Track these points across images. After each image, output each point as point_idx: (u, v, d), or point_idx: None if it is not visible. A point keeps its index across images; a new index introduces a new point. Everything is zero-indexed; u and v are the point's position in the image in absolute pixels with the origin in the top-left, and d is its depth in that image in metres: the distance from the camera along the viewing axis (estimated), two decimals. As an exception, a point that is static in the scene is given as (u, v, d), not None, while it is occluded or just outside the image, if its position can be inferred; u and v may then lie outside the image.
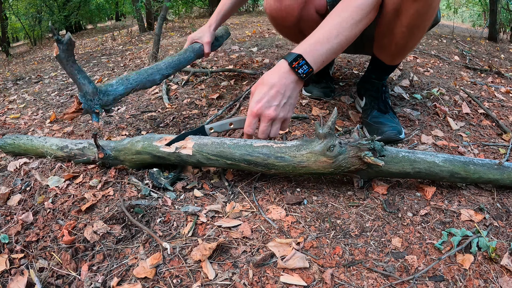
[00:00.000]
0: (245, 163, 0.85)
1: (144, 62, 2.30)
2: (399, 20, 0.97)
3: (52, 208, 0.86)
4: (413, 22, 0.96)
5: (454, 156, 0.86)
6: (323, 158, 0.80)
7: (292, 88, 0.89)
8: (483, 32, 4.41)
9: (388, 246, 0.73)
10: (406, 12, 0.94)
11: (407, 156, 0.83)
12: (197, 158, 0.88)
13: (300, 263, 0.67)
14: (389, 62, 1.16)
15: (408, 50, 1.11)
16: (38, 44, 8.74)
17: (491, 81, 1.93)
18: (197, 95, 1.60)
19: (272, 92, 0.87)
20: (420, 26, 0.99)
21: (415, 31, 1.00)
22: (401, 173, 0.84)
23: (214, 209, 0.83)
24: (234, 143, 0.87)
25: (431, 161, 0.83)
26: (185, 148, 0.88)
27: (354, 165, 0.80)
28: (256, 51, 2.33)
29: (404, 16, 0.95)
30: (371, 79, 1.22)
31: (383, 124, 1.12)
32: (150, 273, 0.66)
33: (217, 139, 0.88)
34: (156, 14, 5.38)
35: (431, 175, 0.85)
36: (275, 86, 0.87)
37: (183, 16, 8.05)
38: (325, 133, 0.80)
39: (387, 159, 0.82)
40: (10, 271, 0.69)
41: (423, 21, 0.97)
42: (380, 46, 1.14)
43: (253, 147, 0.85)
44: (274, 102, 0.87)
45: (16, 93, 2.30)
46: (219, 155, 0.86)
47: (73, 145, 1.04)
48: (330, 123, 0.80)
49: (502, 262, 0.68)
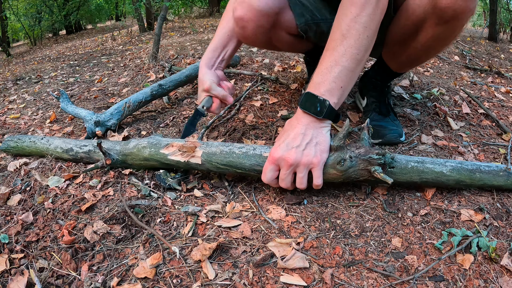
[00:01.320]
0: (255, 173, 0.85)
1: (144, 62, 2.30)
2: (417, 37, 0.94)
3: (52, 208, 0.86)
4: (431, 43, 0.93)
5: (461, 164, 0.84)
6: (333, 171, 0.79)
7: (314, 127, 0.77)
8: (483, 32, 4.41)
9: (388, 246, 0.73)
10: (426, 32, 0.91)
11: (416, 167, 0.82)
12: (206, 167, 0.88)
13: (300, 263, 0.67)
14: (396, 69, 1.13)
15: (419, 64, 1.08)
16: (38, 44, 8.74)
17: (491, 81, 1.93)
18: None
19: (292, 134, 0.77)
20: (437, 47, 0.96)
21: (431, 51, 0.98)
22: (408, 182, 0.84)
23: (214, 209, 0.83)
24: (243, 152, 0.85)
25: (439, 172, 0.82)
26: (194, 157, 0.88)
27: (363, 176, 0.80)
28: (256, 51, 2.33)
29: (423, 35, 0.92)
30: (375, 80, 1.20)
31: (383, 128, 1.11)
32: (150, 273, 0.66)
33: (225, 148, 0.87)
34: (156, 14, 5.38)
35: (437, 184, 0.85)
36: (295, 128, 0.78)
37: (183, 16, 8.05)
38: (336, 146, 0.77)
39: (396, 170, 0.82)
40: (10, 271, 0.69)
41: (442, 45, 0.95)
42: (390, 53, 1.09)
43: (262, 157, 0.83)
44: (294, 143, 0.75)
45: (16, 93, 2.30)
46: (228, 165, 0.86)
47: (78, 148, 1.03)
48: (342, 136, 0.77)
49: (502, 262, 0.68)
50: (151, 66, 2.14)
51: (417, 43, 0.95)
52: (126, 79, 2.03)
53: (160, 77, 1.90)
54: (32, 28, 9.04)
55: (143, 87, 1.81)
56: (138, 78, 1.99)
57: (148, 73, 2.01)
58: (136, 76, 2.04)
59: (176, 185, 0.90)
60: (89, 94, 1.87)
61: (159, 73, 1.98)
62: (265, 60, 2.04)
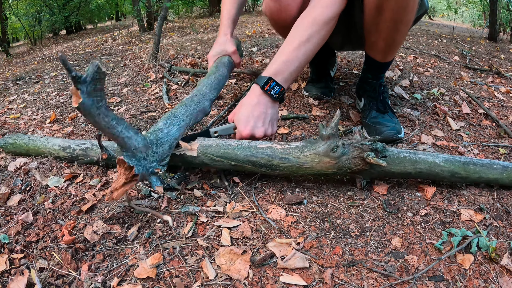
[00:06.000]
0: (249, 164, 0.85)
1: (144, 62, 2.30)
2: (383, 16, 0.98)
3: (52, 208, 0.86)
4: (396, 16, 0.97)
5: (454, 157, 0.86)
6: (327, 159, 0.80)
7: (271, 107, 0.95)
8: (483, 32, 4.41)
9: (388, 246, 0.73)
10: (387, 7, 0.95)
11: (408, 157, 0.84)
12: (201, 160, 0.88)
13: (300, 263, 0.67)
14: (382, 59, 1.16)
15: (397, 45, 1.11)
16: (38, 44, 8.74)
17: (491, 81, 1.93)
18: (197, 95, 1.60)
19: (256, 113, 0.93)
20: (404, 20, 0.99)
21: (400, 25, 1.01)
22: (403, 173, 0.84)
23: (214, 209, 0.83)
24: (239, 144, 0.87)
25: (432, 161, 0.84)
26: (190, 149, 0.88)
27: (356, 165, 0.81)
28: (256, 51, 2.33)
29: (386, 11, 0.96)
30: (368, 79, 1.22)
31: (381, 125, 1.12)
32: (150, 273, 0.66)
33: (221, 141, 0.88)
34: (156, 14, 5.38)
35: (432, 175, 0.85)
36: (256, 107, 0.93)
37: (183, 16, 8.05)
38: (328, 134, 0.80)
39: (389, 159, 0.82)
40: (10, 271, 0.69)
41: (406, 14, 0.98)
42: (370, 44, 1.15)
43: (257, 148, 0.85)
44: (260, 122, 0.92)
45: (16, 93, 2.30)
46: (223, 157, 0.86)
47: (76, 146, 1.03)
48: (333, 124, 0.80)
49: (502, 262, 0.68)
50: (151, 66, 2.14)
51: (385, 21, 1.00)
52: (126, 79, 2.03)
53: (160, 77, 1.90)
54: (32, 28, 9.03)
55: (143, 87, 1.81)
56: (138, 78, 1.99)
57: (148, 73, 2.01)
58: (136, 76, 2.04)
59: (175, 185, 0.90)
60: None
61: (159, 73, 1.98)
62: (265, 60, 2.04)
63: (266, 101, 0.95)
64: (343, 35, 1.23)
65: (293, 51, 0.96)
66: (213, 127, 1.00)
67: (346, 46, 1.39)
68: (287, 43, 0.97)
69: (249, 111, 0.93)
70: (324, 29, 0.98)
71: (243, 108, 0.94)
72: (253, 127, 0.91)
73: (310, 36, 0.96)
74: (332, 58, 1.57)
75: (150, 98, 1.65)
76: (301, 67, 0.99)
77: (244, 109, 0.94)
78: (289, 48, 0.96)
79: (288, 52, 0.96)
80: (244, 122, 0.92)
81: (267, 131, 0.94)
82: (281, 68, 0.96)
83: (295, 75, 0.99)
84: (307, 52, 0.98)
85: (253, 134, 0.91)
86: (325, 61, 1.49)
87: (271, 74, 0.95)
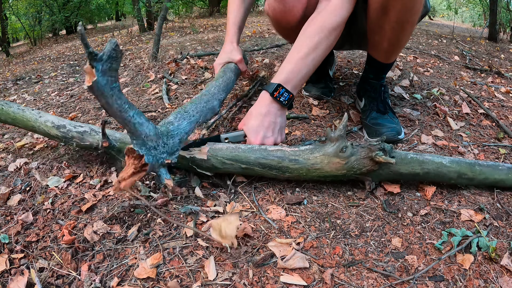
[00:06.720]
0: (259, 167, 0.86)
1: (144, 62, 2.30)
2: (388, 16, 0.98)
3: (52, 208, 0.86)
4: (402, 17, 0.97)
5: (460, 158, 0.87)
6: (336, 159, 0.81)
7: (280, 115, 0.98)
8: (483, 32, 4.41)
9: (388, 246, 0.73)
10: (393, 8, 0.95)
11: (415, 158, 0.84)
12: (211, 163, 0.88)
13: (300, 263, 0.67)
14: (384, 60, 1.16)
15: (401, 46, 1.11)
16: (38, 44, 8.74)
17: (491, 81, 1.93)
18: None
19: (266, 123, 0.95)
20: (409, 20, 0.99)
21: (405, 26, 1.01)
22: (411, 173, 0.85)
23: (214, 209, 0.83)
24: (249, 147, 0.88)
25: (438, 162, 0.84)
26: (200, 153, 0.88)
27: (366, 166, 0.81)
28: (256, 51, 2.33)
29: (391, 12, 0.96)
30: (369, 80, 1.22)
31: (381, 126, 1.11)
32: (150, 273, 0.66)
33: (232, 145, 0.89)
34: (156, 14, 5.39)
35: (439, 176, 0.85)
36: (266, 117, 0.95)
37: (183, 16, 8.05)
38: (337, 136, 0.81)
39: (397, 160, 0.83)
40: (10, 271, 0.69)
41: (412, 15, 0.98)
42: (373, 44, 1.14)
43: (268, 151, 0.86)
44: (269, 132, 0.95)
45: (16, 93, 2.30)
46: (234, 159, 0.86)
47: (72, 127, 0.97)
48: (342, 127, 0.82)
49: (502, 262, 0.68)
50: (151, 66, 2.14)
51: (390, 22, 0.99)
52: (126, 79, 2.03)
53: (160, 77, 1.90)
54: (32, 28, 9.03)
55: (143, 87, 1.81)
56: (138, 78, 1.99)
57: (148, 73, 2.01)
58: (136, 76, 2.04)
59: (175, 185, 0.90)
60: (89, 94, 1.87)
61: (159, 73, 1.98)
62: (265, 60, 2.04)
63: (275, 110, 0.96)
64: (343, 35, 1.23)
65: (302, 59, 0.97)
66: (223, 133, 1.01)
67: (345, 46, 1.38)
68: (296, 51, 0.98)
69: (259, 122, 0.95)
70: (332, 35, 0.99)
71: (253, 119, 0.96)
72: (263, 137, 0.94)
73: (318, 43, 0.97)
74: (330, 57, 1.57)
75: (150, 98, 1.65)
76: (309, 74, 1.00)
77: (254, 120, 0.95)
78: (298, 56, 0.97)
79: (296, 60, 0.98)
80: (254, 133, 0.94)
81: (277, 140, 0.96)
82: (290, 76, 0.97)
83: (303, 81, 1.00)
84: (316, 59, 0.99)
85: (263, 144, 0.93)
86: (324, 61, 1.49)
87: (281, 81, 0.97)
